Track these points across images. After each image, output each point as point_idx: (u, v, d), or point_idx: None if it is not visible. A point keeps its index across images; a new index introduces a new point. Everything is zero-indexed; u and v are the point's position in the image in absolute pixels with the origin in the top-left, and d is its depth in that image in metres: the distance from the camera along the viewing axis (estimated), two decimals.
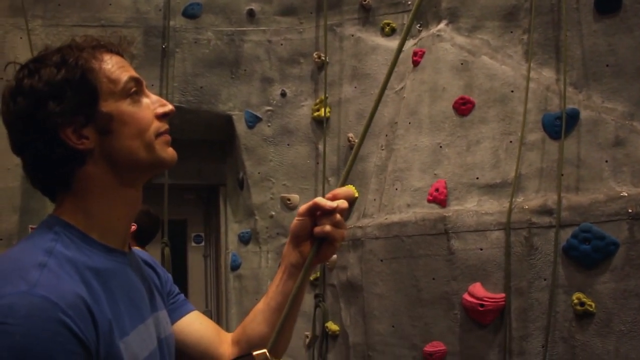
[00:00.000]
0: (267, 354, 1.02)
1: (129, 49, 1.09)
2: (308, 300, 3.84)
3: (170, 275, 1.27)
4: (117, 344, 0.91)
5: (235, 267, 4.22)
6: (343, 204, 1.08)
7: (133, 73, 1.05)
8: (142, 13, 4.02)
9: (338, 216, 1.08)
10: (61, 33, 3.82)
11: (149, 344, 1.01)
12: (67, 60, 0.99)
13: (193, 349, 1.22)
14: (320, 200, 1.09)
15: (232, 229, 4.31)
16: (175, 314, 1.23)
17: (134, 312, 0.99)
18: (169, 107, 1.08)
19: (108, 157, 1.01)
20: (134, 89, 1.04)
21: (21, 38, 3.80)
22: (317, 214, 1.10)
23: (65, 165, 0.99)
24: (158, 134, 1.05)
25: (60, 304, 0.84)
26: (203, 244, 4.92)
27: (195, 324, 1.24)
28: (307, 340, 3.85)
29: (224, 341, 1.25)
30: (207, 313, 4.68)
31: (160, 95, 3.86)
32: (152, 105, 1.07)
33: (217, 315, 4.66)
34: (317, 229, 1.09)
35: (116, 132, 1.01)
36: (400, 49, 1.16)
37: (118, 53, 1.07)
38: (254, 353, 1.02)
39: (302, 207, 1.11)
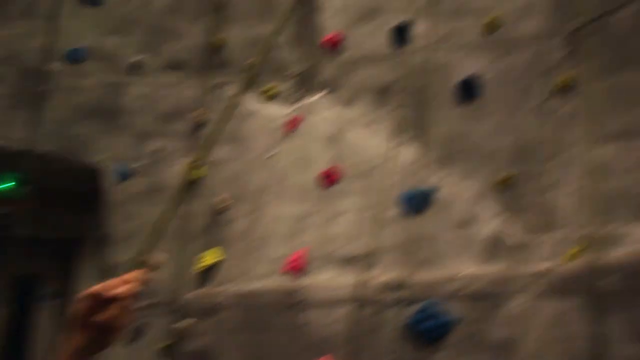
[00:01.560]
0: None
1: None
2: None
3: None
4: None
5: None
6: (128, 290, 0.99)
7: None
8: (18, 52, 3.86)
9: (120, 303, 0.99)
10: None
11: None
12: None
13: None
14: (100, 288, 0.99)
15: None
16: None
17: None
18: None
19: None
20: None
21: None
22: (99, 300, 1.00)
23: None
24: None
25: None
26: (57, 300, 4.55)
27: None
28: None
29: None
30: None
31: (27, 141, 3.75)
32: None
33: None
34: (98, 317, 0.99)
35: None
36: (234, 107, 1.11)
37: None
38: None
39: (83, 293, 1.01)
